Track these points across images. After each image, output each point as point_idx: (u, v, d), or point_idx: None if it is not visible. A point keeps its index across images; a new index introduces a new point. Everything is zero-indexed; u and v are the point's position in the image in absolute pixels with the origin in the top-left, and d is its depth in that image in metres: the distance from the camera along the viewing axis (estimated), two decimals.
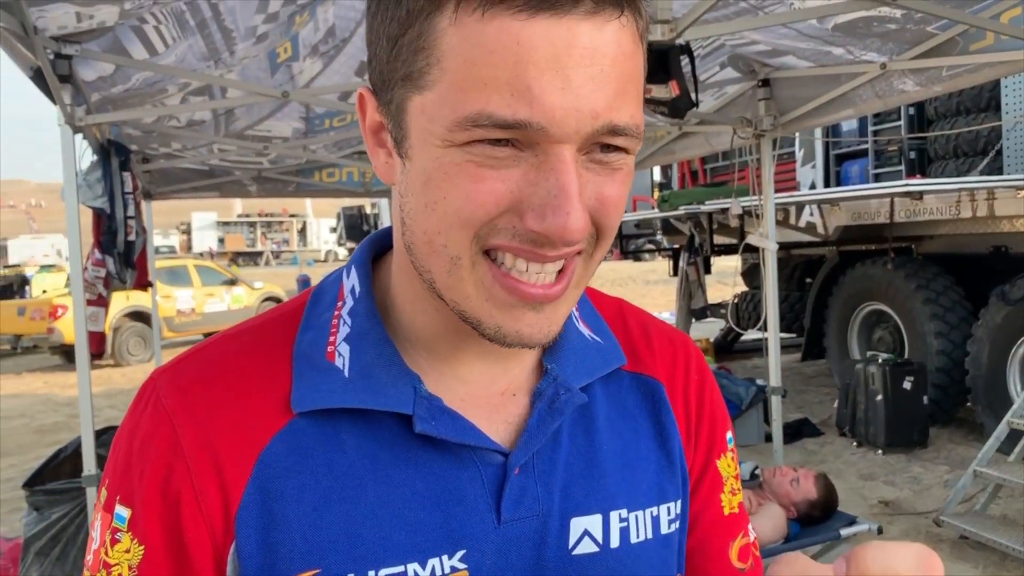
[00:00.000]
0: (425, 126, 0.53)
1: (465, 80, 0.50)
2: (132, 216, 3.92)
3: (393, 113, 0.56)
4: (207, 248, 53.19)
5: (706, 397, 0.76)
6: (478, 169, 0.52)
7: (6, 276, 17.30)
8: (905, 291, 6.43)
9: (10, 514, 5.28)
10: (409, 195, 0.56)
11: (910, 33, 3.19)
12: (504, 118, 0.50)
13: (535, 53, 0.49)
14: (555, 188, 0.52)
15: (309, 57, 3.51)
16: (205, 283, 14.13)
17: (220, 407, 0.61)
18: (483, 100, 0.50)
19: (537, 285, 0.55)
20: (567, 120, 0.50)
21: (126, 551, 0.60)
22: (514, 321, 0.57)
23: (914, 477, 5.38)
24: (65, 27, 2.63)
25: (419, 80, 0.53)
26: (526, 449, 0.64)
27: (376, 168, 0.61)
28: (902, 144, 7.17)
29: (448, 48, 0.51)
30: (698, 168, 10.32)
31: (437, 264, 0.56)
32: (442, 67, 0.51)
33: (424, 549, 0.61)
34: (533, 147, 0.52)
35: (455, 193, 0.53)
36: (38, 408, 9.43)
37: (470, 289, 0.56)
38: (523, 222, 0.53)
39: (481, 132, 0.51)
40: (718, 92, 4.27)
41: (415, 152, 0.55)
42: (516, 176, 0.53)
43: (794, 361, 8.94)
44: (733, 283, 8.80)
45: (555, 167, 0.52)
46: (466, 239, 0.54)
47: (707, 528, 0.75)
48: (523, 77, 0.49)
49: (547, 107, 0.49)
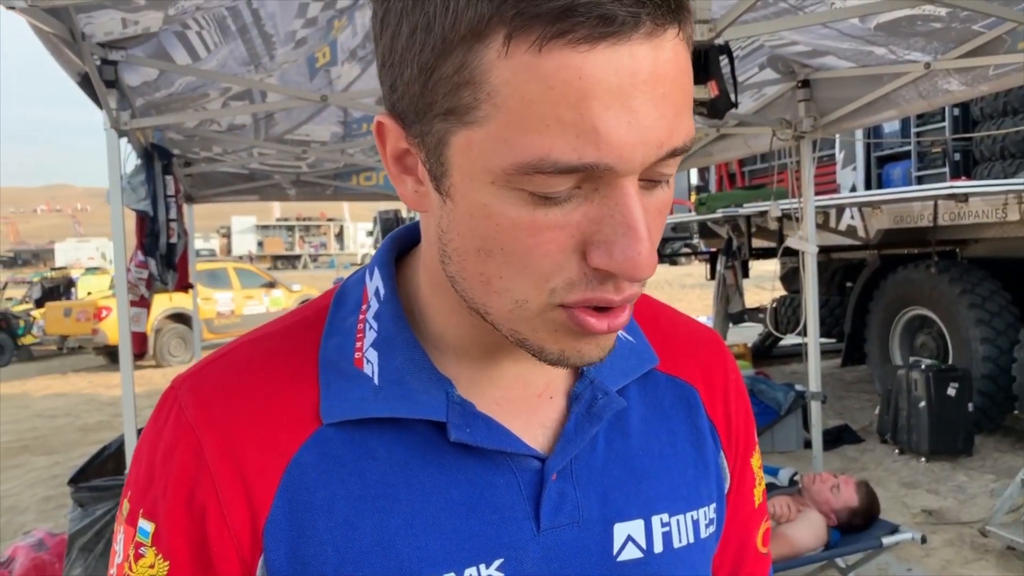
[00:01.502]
0: (473, 164, 0.49)
1: (523, 119, 0.46)
2: (174, 219, 4.00)
3: (431, 147, 0.51)
4: (246, 251, 53.98)
5: (741, 400, 0.76)
6: (533, 216, 0.49)
7: (53, 278, 17.76)
8: (949, 296, 6.29)
9: (56, 510, 5.41)
10: (454, 235, 0.53)
11: (955, 31, 3.13)
12: (570, 163, 0.46)
13: (599, 87, 0.45)
14: (622, 226, 0.49)
15: (347, 62, 3.54)
16: (244, 286, 14.34)
17: (244, 416, 0.59)
18: (547, 144, 0.46)
19: (602, 317, 0.53)
20: (635, 156, 0.47)
21: (150, 566, 0.58)
22: (579, 345, 0.55)
23: (959, 486, 5.25)
24: (111, 33, 2.69)
25: (465, 116, 0.48)
26: (564, 454, 0.62)
27: (403, 195, 0.57)
28: (946, 145, 7.02)
29: (500, 83, 0.46)
30: (736, 171, 10.22)
31: (496, 303, 0.54)
32: (494, 103, 0.47)
33: (460, 559, 0.59)
34: (594, 181, 0.48)
35: (513, 245, 0.50)
36: (83, 407, 9.64)
37: (537, 324, 0.54)
38: (588, 261, 0.50)
39: (543, 178, 0.47)
40: (757, 93, 4.22)
41: (458, 192, 0.51)
42: (576, 218, 0.49)
43: (834, 367, 8.79)
44: (772, 287, 8.70)
45: (620, 203, 0.49)
46: (538, 291, 0.52)
47: (742, 523, 0.76)
48: (588, 116, 0.45)
49: (615, 146, 0.46)
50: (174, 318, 12.74)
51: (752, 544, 0.77)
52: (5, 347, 14.57)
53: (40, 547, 3.76)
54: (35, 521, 5.20)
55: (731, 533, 0.75)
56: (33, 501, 5.82)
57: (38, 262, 52.68)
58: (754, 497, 0.77)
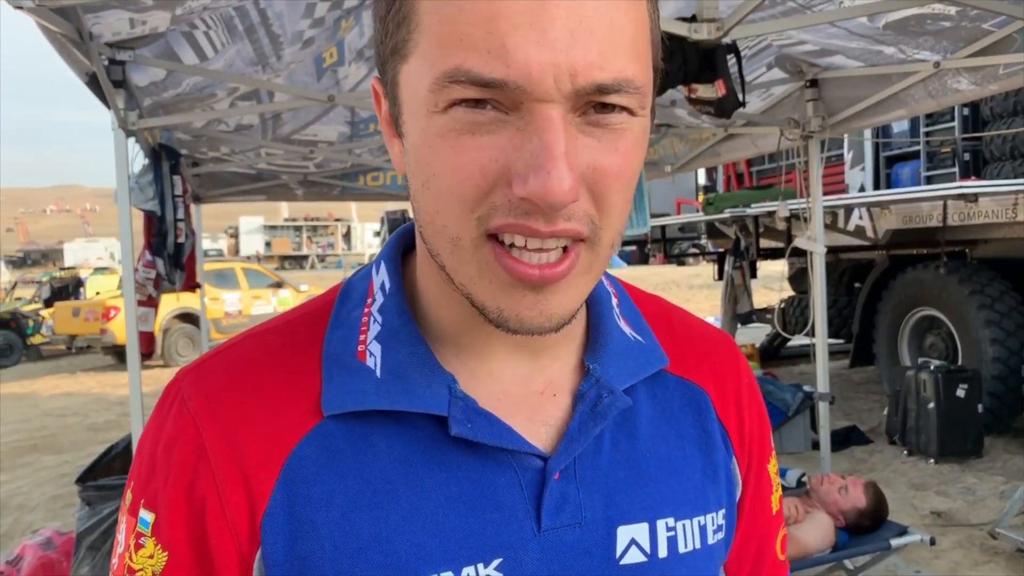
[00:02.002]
0: (413, 95, 0.52)
1: (440, 38, 0.49)
2: (182, 219, 4.01)
3: (389, 91, 0.55)
4: (254, 251, 54.14)
5: (755, 404, 0.75)
6: (459, 138, 0.50)
7: (62, 278, 17.85)
8: (959, 296, 6.26)
9: (64, 509, 5.43)
10: (410, 175, 0.55)
11: (965, 30, 3.11)
12: (480, 75, 0.47)
13: (508, 8, 0.47)
14: (537, 148, 0.49)
15: (354, 62, 3.54)
16: (252, 286, 14.37)
17: (246, 409, 0.59)
18: (460, 56, 0.48)
19: (536, 265, 0.52)
20: (544, 77, 0.47)
21: (150, 557, 0.58)
22: (515, 304, 0.53)
23: (968, 488, 5.22)
24: (119, 33, 2.69)
25: (403, 50, 0.52)
26: (567, 454, 0.61)
27: (393, 159, 0.58)
28: (956, 145, 6.99)
29: (424, 12, 0.50)
30: (744, 171, 10.20)
31: (442, 246, 0.54)
32: (420, 31, 0.50)
33: (459, 557, 0.58)
34: (518, 108, 0.49)
35: (442, 168, 0.51)
36: (91, 407, 9.68)
37: (473, 270, 0.53)
38: (511, 189, 0.50)
39: (459, 89, 0.48)
40: (765, 93, 4.21)
41: (407, 127, 0.54)
42: (501, 143, 0.50)
43: (842, 367, 8.76)
44: (779, 288, 8.67)
45: (539, 127, 0.49)
46: (463, 218, 0.51)
47: (761, 530, 0.75)
48: (496, 33, 0.47)
49: (522, 63, 0.47)
50: (182, 318, 12.80)
51: (771, 551, 0.76)
52: (15, 347, 14.65)
53: (48, 546, 3.78)
54: (43, 520, 5.22)
55: (749, 541, 0.74)
56: (42, 500, 5.84)
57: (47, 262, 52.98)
58: (771, 504, 0.76)
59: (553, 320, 0.55)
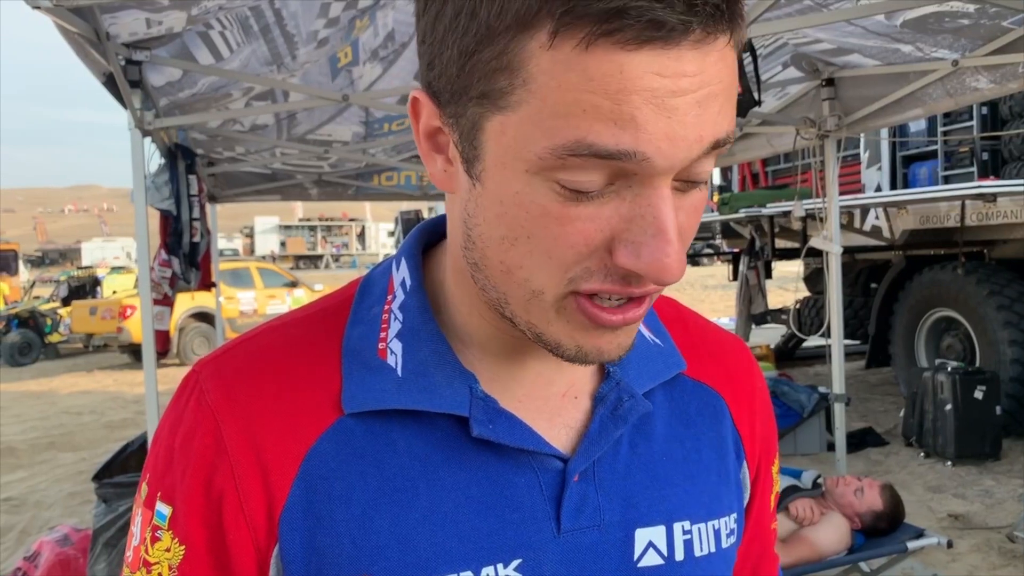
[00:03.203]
0: (507, 151, 0.49)
1: (560, 105, 0.46)
2: (197, 218, 4.03)
3: (464, 130, 0.51)
4: (269, 251, 54.41)
5: (766, 409, 0.75)
6: (564, 207, 0.48)
7: (79, 277, 17.98)
8: (977, 297, 6.20)
9: (81, 506, 5.47)
10: (480, 220, 0.53)
11: (984, 28, 3.08)
12: (606, 147, 0.46)
13: (639, 83, 0.45)
14: (652, 227, 0.48)
15: (369, 62, 3.55)
16: (267, 285, 14.44)
17: (265, 403, 0.59)
18: (583, 128, 0.45)
19: (616, 311, 0.53)
20: (674, 151, 0.46)
21: (166, 550, 0.58)
22: (594, 340, 0.54)
23: (986, 490, 5.17)
24: (136, 33, 2.71)
25: (499, 100, 0.48)
26: (586, 456, 0.61)
27: (432, 174, 0.57)
28: (974, 145, 6.92)
29: (538, 71, 0.46)
30: (759, 170, 10.14)
31: (514, 293, 0.53)
32: (529, 89, 0.47)
33: (478, 557, 0.58)
34: (627, 178, 0.48)
35: (542, 234, 0.50)
36: (108, 405, 9.76)
37: (551, 316, 0.53)
38: (613, 258, 0.50)
39: (577, 162, 0.47)
40: (780, 92, 4.18)
41: (489, 177, 0.51)
42: (607, 212, 0.49)
43: (858, 369, 8.70)
44: (795, 288, 8.62)
45: (652, 203, 0.48)
46: (554, 278, 0.51)
47: (764, 530, 0.76)
48: (627, 105, 0.45)
49: (653, 136, 0.46)
50: (198, 317, 12.88)
51: (770, 548, 0.78)
52: (33, 345, 14.79)
53: (65, 542, 3.81)
54: (61, 516, 5.26)
55: (753, 541, 0.75)
56: (59, 497, 5.89)
57: (65, 261, 53.46)
58: (770, 502, 0.77)
59: (626, 349, 0.56)
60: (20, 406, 9.94)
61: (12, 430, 8.41)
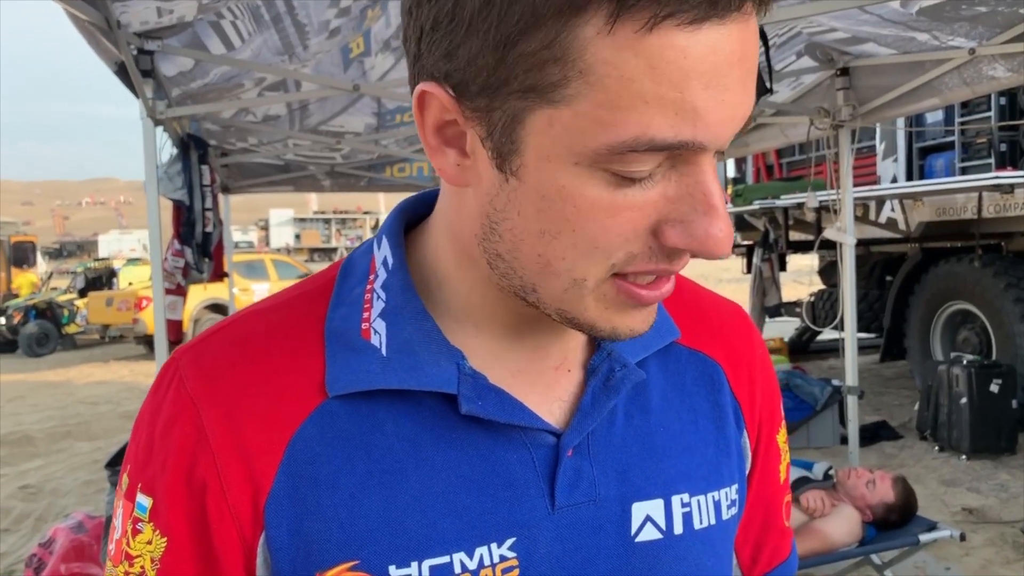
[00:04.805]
0: (555, 144, 0.47)
1: (621, 98, 0.45)
2: (210, 208, 4.05)
3: (499, 124, 0.49)
4: (284, 244, 54.63)
5: (767, 376, 0.73)
6: (613, 197, 0.48)
7: (96, 269, 18.12)
8: (994, 290, 6.14)
9: (96, 494, 5.53)
10: (513, 214, 0.51)
11: (1002, 16, 3.03)
12: (666, 140, 0.46)
13: (700, 66, 0.44)
14: (703, 204, 0.49)
15: (381, 52, 3.54)
16: (281, 277, 14.53)
17: (247, 389, 0.57)
18: (644, 122, 0.45)
19: (651, 287, 0.53)
20: (726, 133, 0.47)
21: (148, 543, 0.57)
22: (628, 319, 0.54)
23: (1001, 484, 5.13)
24: (147, 22, 2.72)
25: (550, 93, 0.46)
26: (580, 429, 0.60)
27: (442, 169, 0.54)
28: (992, 135, 6.83)
29: (597, 61, 0.44)
30: (773, 162, 10.07)
31: (551, 283, 0.53)
32: (587, 81, 0.45)
33: (471, 537, 0.57)
34: (674, 159, 0.48)
35: (590, 227, 0.49)
36: (124, 395, 9.84)
37: (589, 303, 0.53)
38: (660, 239, 0.50)
39: (635, 156, 0.46)
40: (794, 82, 4.14)
41: (529, 172, 0.49)
42: (653, 197, 0.49)
43: (873, 362, 8.64)
44: (809, 282, 8.58)
45: (700, 180, 0.49)
46: (597, 265, 0.51)
47: (768, 500, 0.75)
48: (689, 95, 0.45)
49: (712, 124, 0.46)
50: (212, 308, 12.95)
51: (777, 519, 0.76)
52: (50, 336, 14.94)
53: (79, 529, 3.84)
54: (76, 504, 5.32)
55: (756, 510, 0.73)
56: (75, 485, 5.95)
57: (82, 253, 53.91)
58: (779, 473, 0.76)
59: (651, 323, 0.57)
60: (38, 396, 10.05)
61: (30, 419, 8.51)
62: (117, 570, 0.58)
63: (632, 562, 0.61)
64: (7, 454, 6.98)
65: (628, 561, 0.61)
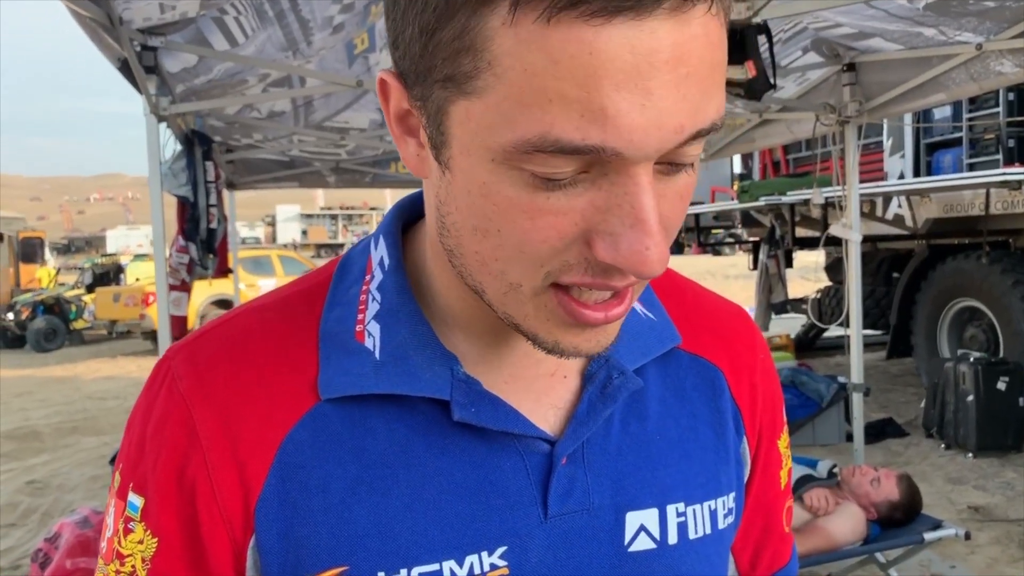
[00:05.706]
0: (472, 139, 0.45)
1: (524, 92, 0.42)
2: (214, 204, 4.05)
3: (431, 113, 0.48)
4: (291, 239, 54.76)
5: (770, 381, 0.72)
6: (533, 199, 0.45)
7: (103, 264, 18.20)
8: (1001, 287, 6.11)
9: (102, 489, 5.56)
10: (452, 208, 0.50)
11: (1010, 11, 3.01)
12: (572, 142, 0.42)
13: (611, 65, 0.40)
14: (630, 218, 0.45)
15: (385, 48, 3.54)
16: (288, 273, 14.55)
17: (239, 390, 0.57)
18: (548, 120, 0.42)
19: (598, 308, 0.50)
20: (648, 141, 0.42)
21: (139, 542, 0.56)
22: (572, 337, 0.52)
23: (1007, 482, 5.11)
24: (150, 18, 2.72)
25: (465, 84, 0.44)
26: (575, 437, 0.59)
27: (405, 158, 0.53)
28: (1000, 131, 6.79)
29: (502, 53, 0.42)
30: (780, 158, 10.03)
31: (491, 284, 0.51)
32: (495, 74, 0.43)
33: (461, 545, 0.56)
34: (603, 165, 0.44)
35: (511, 228, 0.46)
36: (131, 390, 9.87)
37: (529, 310, 0.51)
38: (591, 251, 0.46)
39: (542, 157, 0.43)
40: (800, 77, 4.12)
41: (456, 164, 0.47)
42: (581, 204, 0.45)
43: (879, 359, 8.61)
44: (815, 278, 8.55)
45: (630, 192, 0.44)
46: (530, 272, 0.48)
47: (767, 506, 0.73)
48: (596, 95, 0.41)
49: (625, 130, 0.41)
50: (219, 304, 12.99)
51: (777, 525, 0.75)
52: (58, 331, 15.00)
53: (85, 524, 3.86)
54: (83, 499, 5.34)
55: (756, 515, 0.72)
56: (81, 480, 5.98)
57: (90, 249, 54.13)
58: (780, 479, 0.74)
59: (605, 345, 0.53)
60: (45, 391, 10.09)
61: (37, 414, 8.55)
62: (108, 568, 0.58)
63: (625, 572, 0.60)
64: (14, 449, 7.02)
65: (621, 571, 0.60)
